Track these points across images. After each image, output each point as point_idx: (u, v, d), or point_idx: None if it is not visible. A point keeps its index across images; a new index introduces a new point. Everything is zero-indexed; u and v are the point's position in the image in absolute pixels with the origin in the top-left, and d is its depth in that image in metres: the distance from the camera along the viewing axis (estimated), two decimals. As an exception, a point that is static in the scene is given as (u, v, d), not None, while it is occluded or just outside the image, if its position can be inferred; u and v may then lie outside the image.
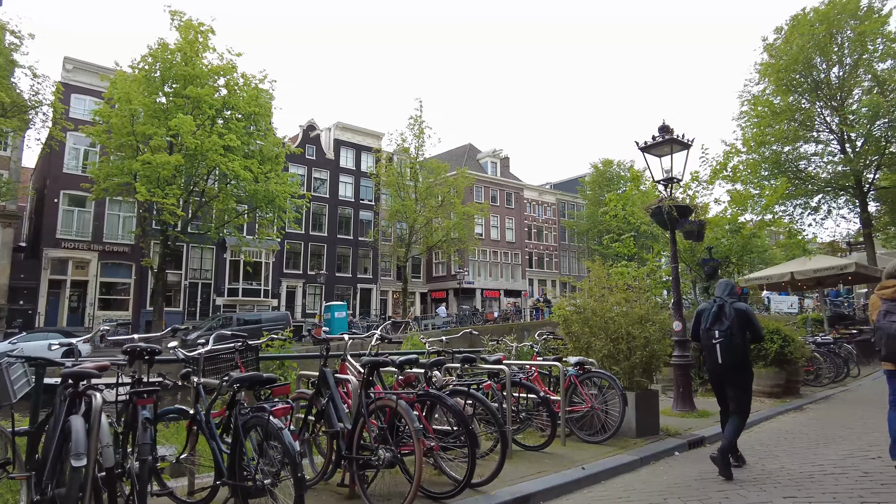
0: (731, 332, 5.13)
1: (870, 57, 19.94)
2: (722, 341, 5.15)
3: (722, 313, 5.24)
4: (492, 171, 51.47)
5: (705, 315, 5.39)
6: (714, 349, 5.20)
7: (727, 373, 5.24)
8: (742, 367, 5.23)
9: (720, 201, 11.41)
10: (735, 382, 5.25)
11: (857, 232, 22.15)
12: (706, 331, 5.32)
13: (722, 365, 5.18)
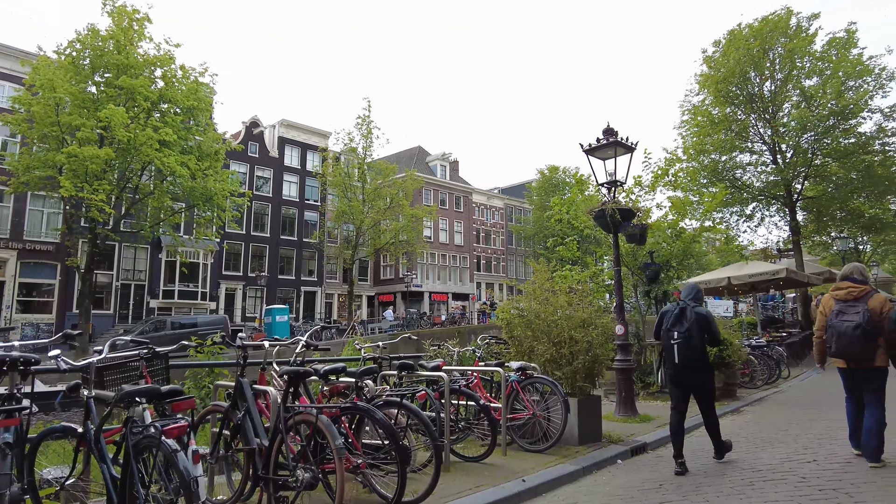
0: (689, 334, 5.34)
1: (798, 73, 20.89)
2: (680, 342, 5.36)
3: (683, 316, 5.45)
4: (441, 174, 51.36)
5: (667, 316, 5.57)
6: (672, 349, 5.41)
7: (685, 373, 5.43)
8: (701, 368, 5.45)
9: (662, 206, 11.52)
10: (696, 385, 5.48)
11: (787, 239, 23.16)
12: (666, 331, 5.51)
13: (678, 365, 5.40)
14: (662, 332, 5.58)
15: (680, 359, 5.36)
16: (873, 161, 20.67)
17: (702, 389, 5.55)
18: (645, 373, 10.95)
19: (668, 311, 5.66)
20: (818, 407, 8.96)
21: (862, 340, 4.98)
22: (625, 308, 8.56)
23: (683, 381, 5.50)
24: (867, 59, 19.67)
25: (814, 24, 20.61)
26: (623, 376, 8.12)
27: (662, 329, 5.59)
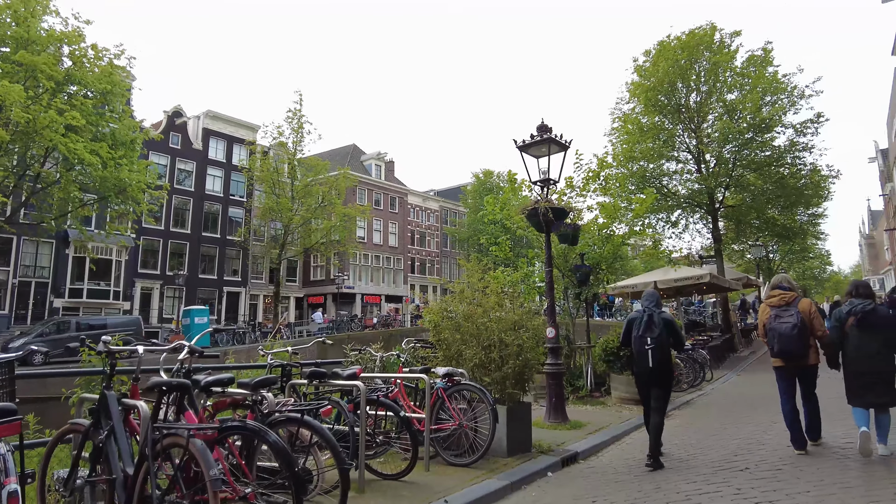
0: (661, 339, 5.71)
1: (721, 86, 21.74)
2: (654, 347, 5.69)
3: (652, 322, 5.79)
4: (376, 173, 50.48)
5: (636, 324, 5.91)
6: (646, 354, 5.72)
7: (656, 375, 5.77)
8: (669, 371, 5.89)
9: (592, 208, 11.45)
10: (662, 384, 5.84)
11: (709, 246, 24.05)
12: (639, 338, 5.82)
13: (653, 368, 5.71)
14: (634, 338, 5.87)
15: (653, 363, 5.69)
16: (785, 174, 21.81)
17: (664, 391, 5.91)
18: (574, 376, 10.80)
19: (636, 318, 5.99)
20: (742, 410, 9.06)
21: (798, 339, 5.58)
22: (555, 310, 8.28)
23: (653, 383, 5.84)
24: (782, 77, 20.70)
25: (736, 40, 21.53)
26: (554, 381, 7.83)
27: (634, 336, 5.88)
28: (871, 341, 5.42)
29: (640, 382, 6.03)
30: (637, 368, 5.97)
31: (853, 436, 5.59)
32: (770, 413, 8.34)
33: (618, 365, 10.03)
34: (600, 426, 7.82)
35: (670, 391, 6.05)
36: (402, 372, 6.22)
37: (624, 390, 9.93)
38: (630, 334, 5.94)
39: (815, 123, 20.67)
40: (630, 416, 8.74)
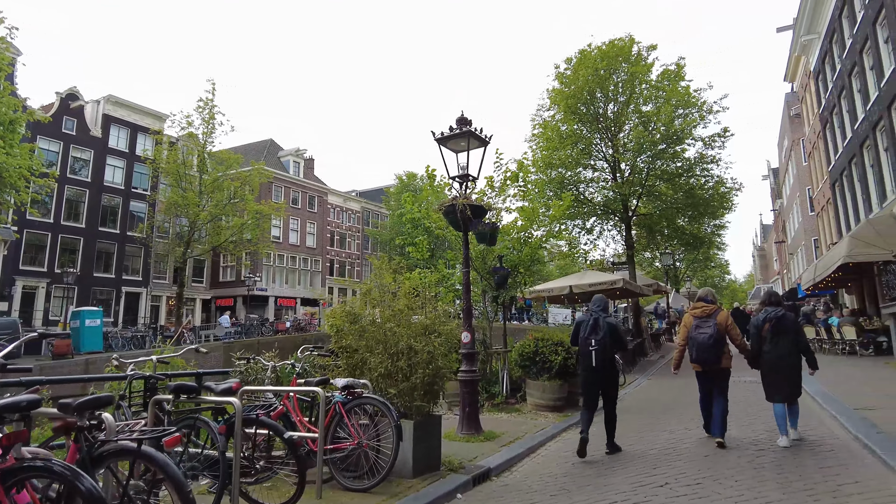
0: (604, 341, 6.22)
1: (637, 98, 22.40)
2: (597, 349, 6.21)
3: (597, 325, 6.29)
4: (294, 170, 48.58)
5: (583, 326, 6.43)
6: (590, 354, 6.24)
7: (599, 374, 6.29)
8: (611, 370, 6.45)
9: (511, 210, 11.16)
10: (607, 383, 6.39)
11: (622, 252, 24.74)
12: (584, 339, 6.32)
13: (595, 367, 6.24)
14: (581, 339, 6.40)
15: (597, 363, 6.21)
16: (694, 185, 22.80)
17: (611, 388, 6.48)
18: (490, 382, 10.40)
19: (584, 321, 6.51)
20: (658, 414, 8.98)
21: (713, 348, 6.34)
22: (472, 313, 7.81)
23: (597, 381, 6.34)
24: (694, 91, 21.59)
25: (652, 54, 22.24)
26: (468, 389, 7.34)
27: (581, 337, 6.41)
28: (782, 343, 6.29)
29: (586, 382, 6.47)
30: (582, 368, 6.49)
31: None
32: (684, 419, 8.30)
33: (533, 370, 9.73)
34: (515, 436, 7.42)
35: (617, 388, 6.69)
36: (295, 384, 5.48)
37: (539, 396, 9.64)
38: (578, 335, 6.50)
39: (722, 137, 21.74)
40: (545, 424, 8.43)
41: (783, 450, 5.86)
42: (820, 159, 28.42)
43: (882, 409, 7.51)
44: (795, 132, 38.00)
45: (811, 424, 7.20)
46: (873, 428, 6.26)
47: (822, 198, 28.69)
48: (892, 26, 15.53)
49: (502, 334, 10.95)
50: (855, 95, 19.92)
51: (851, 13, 19.31)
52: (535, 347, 9.75)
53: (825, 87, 24.21)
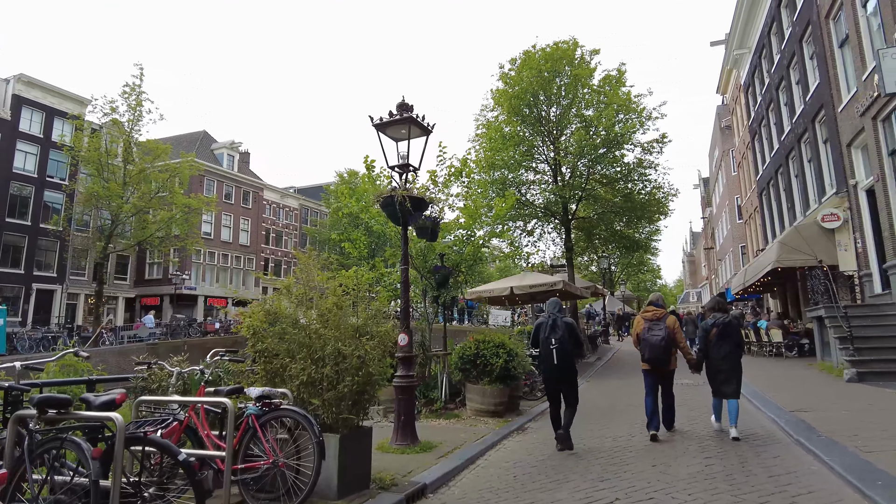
0: (563, 340, 6.53)
1: (580, 102, 22.55)
2: (557, 347, 6.52)
3: (556, 326, 6.61)
4: (228, 164, 46.48)
5: (543, 327, 6.72)
6: (551, 354, 6.55)
7: (560, 372, 6.58)
8: (571, 368, 6.68)
9: (454, 207, 10.72)
10: (567, 381, 6.67)
11: (561, 255, 24.87)
12: (545, 339, 6.62)
13: (557, 366, 6.54)
14: (542, 339, 6.70)
15: (558, 361, 6.53)
16: (633, 189, 23.20)
17: (571, 385, 6.72)
18: (429, 387, 9.90)
19: (543, 322, 6.80)
20: (598, 418, 8.74)
21: (664, 350, 6.91)
22: (410, 313, 7.29)
23: (559, 379, 6.67)
24: (635, 97, 21.92)
25: (595, 58, 22.45)
26: (404, 396, 6.80)
27: (541, 337, 6.70)
28: (726, 346, 6.97)
29: (548, 380, 6.81)
30: (544, 366, 6.73)
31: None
32: (625, 425, 8.08)
33: (474, 373, 9.30)
34: (454, 446, 6.94)
35: (577, 386, 6.84)
36: (203, 394, 4.78)
37: (479, 401, 9.21)
38: (538, 336, 6.78)
39: (660, 143, 22.19)
40: (485, 430, 8.00)
41: (727, 443, 6.42)
42: (748, 169, 29.67)
43: (814, 410, 7.54)
44: (726, 143, 39.69)
45: (748, 419, 7.12)
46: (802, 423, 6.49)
47: (750, 206, 29.95)
48: (817, 43, 16.17)
49: (442, 336, 10.48)
50: (782, 108, 20.76)
51: (780, 30, 20.10)
52: (475, 350, 9.33)
53: (754, 100, 25.21)
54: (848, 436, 6.02)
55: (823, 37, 15.61)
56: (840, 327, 12.02)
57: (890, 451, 5.22)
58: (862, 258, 14.36)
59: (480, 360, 9.23)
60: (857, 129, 13.74)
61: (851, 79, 14.36)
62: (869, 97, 12.67)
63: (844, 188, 14.92)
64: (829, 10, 15.21)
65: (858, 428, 6.43)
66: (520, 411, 9.81)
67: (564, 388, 6.67)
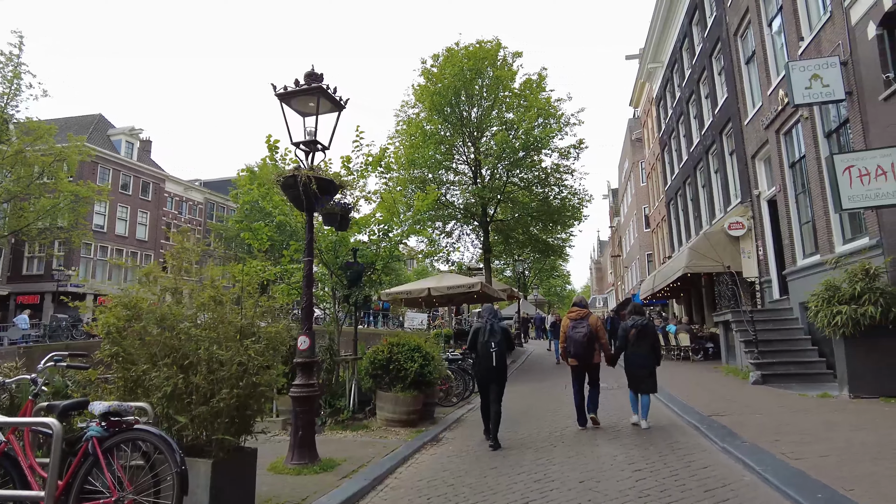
0: (500, 343, 7.06)
1: (501, 104, 22.39)
2: (497, 350, 7.02)
3: (494, 330, 7.12)
4: (126, 152, 42.72)
5: (482, 332, 7.21)
6: (491, 355, 7.02)
7: (496, 372, 7.08)
8: (505, 368, 7.25)
9: (370, 199, 9.88)
10: (500, 379, 7.18)
11: (479, 257, 24.61)
12: (485, 343, 7.10)
13: (495, 367, 7.03)
14: (481, 343, 7.18)
15: (496, 363, 7.04)
16: (549, 194, 23.36)
17: (501, 385, 7.22)
18: (336, 395, 9.01)
19: (481, 327, 7.31)
20: (517, 425, 8.23)
21: (586, 346, 7.68)
22: (314, 313, 6.42)
23: (494, 378, 7.16)
24: (555, 101, 22.04)
25: (517, 61, 22.39)
26: (302, 408, 5.90)
27: (480, 341, 7.19)
28: (642, 346, 7.75)
29: (483, 379, 7.34)
30: (481, 367, 7.24)
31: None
32: (545, 427, 7.64)
33: (386, 380, 8.53)
34: (360, 462, 6.14)
35: (505, 384, 7.29)
36: (29, 411, 3.70)
37: (391, 410, 8.45)
38: (476, 340, 7.25)
39: (577, 149, 22.45)
40: (396, 443, 7.26)
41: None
42: (657, 180, 30.92)
43: (730, 413, 7.44)
44: (636, 155, 41.43)
45: (671, 426, 6.86)
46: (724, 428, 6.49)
47: (658, 215, 31.23)
48: (725, 58, 16.85)
49: (353, 339, 9.62)
50: (692, 121, 21.61)
51: (691, 46, 20.90)
52: (388, 354, 8.57)
53: (665, 113, 26.22)
54: (770, 441, 5.84)
55: (732, 53, 16.26)
56: (746, 331, 12.35)
57: (815, 458, 5.03)
58: (763, 265, 15.01)
59: (394, 365, 8.49)
60: (762, 141, 14.33)
61: (757, 93, 15.00)
62: (773, 111, 13.21)
63: (748, 198, 15.56)
64: (737, 28, 15.85)
65: (777, 432, 6.30)
66: (434, 419, 9.14)
67: (497, 386, 7.19)
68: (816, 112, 11.45)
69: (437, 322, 30.98)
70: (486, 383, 7.22)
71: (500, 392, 7.16)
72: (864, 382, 8.52)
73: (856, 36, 9.69)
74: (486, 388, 7.24)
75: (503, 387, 7.21)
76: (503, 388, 7.21)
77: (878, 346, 8.47)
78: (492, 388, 7.12)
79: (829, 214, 11.07)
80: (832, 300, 8.76)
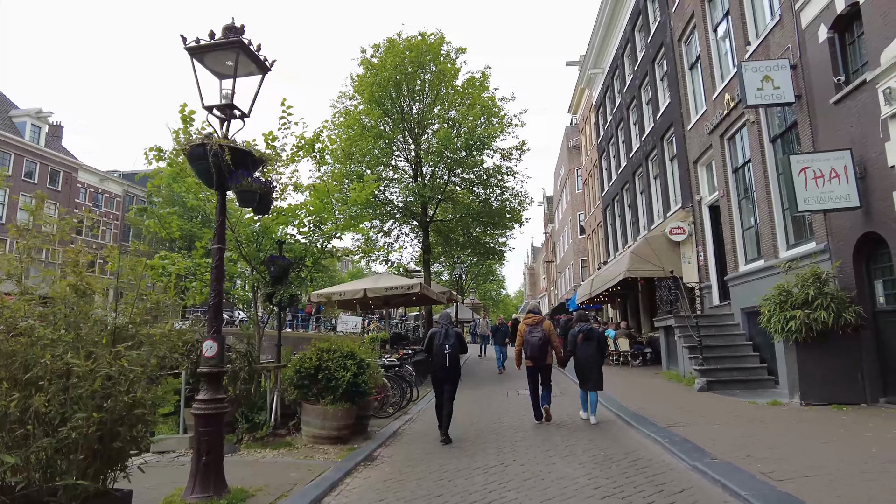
0: (454, 346, 7.83)
1: (443, 100, 21.66)
2: (450, 352, 7.76)
3: (448, 334, 7.87)
4: (32, 136, 39.00)
5: (437, 335, 7.91)
6: (446, 357, 7.74)
7: (450, 372, 7.78)
8: (458, 369, 7.91)
9: (300, 188, 8.77)
10: (453, 379, 7.85)
11: (418, 258, 23.74)
12: (440, 345, 7.81)
13: (449, 367, 7.75)
14: (436, 346, 7.81)
15: (450, 364, 7.71)
16: (490, 195, 22.84)
17: (454, 384, 7.82)
18: (254, 408, 7.87)
19: (437, 331, 7.94)
20: (463, 440, 7.41)
21: (542, 348, 8.50)
22: (222, 311, 5.34)
23: (447, 379, 7.75)
24: (499, 100, 21.55)
25: (461, 57, 21.72)
26: (207, 428, 4.80)
27: (436, 344, 7.82)
28: (589, 349, 8.57)
29: (438, 378, 7.84)
30: (436, 367, 7.81)
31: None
32: (492, 453, 6.84)
33: (314, 390, 7.50)
34: (280, 491, 5.13)
35: (457, 383, 7.92)
36: None
37: (319, 425, 7.42)
38: (433, 343, 7.85)
39: (519, 151, 22.04)
40: (324, 464, 6.26)
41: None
42: (594, 186, 31.17)
43: (687, 424, 6.95)
44: (572, 162, 41.91)
45: (631, 442, 6.25)
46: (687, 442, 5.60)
47: (594, 221, 31.48)
48: (669, 64, 16.86)
49: (276, 344, 8.50)
50: (631, 127, 21.70)
51: (633, 52, 20.97)
52: (317, 361, 7.54)
53: (604, 119, 26.37)
54: (742, 457, 5.33)
55: (676, 58, 16.25)
56: (690, 337, 12.14)
57: (801, 478, 4.51)
58: (703, 270, 14.99)
59: (323, 373, 7.47)
60: (705, 146, 14.29)
61: (701, 99, 15.00)
62: (718, 115, 13.14)
63: (690, 203, 15.54)
64: (681, 34, 15.85)
65: (744, 446, 5.82)
66: (368, 434, 8.17)
67: (451, 385, 7.80)
68: (762, 116, 11.38)
69: (372, 326, 29.73)
70: (441, 382, 7.82)
71: (453, 391, 7.84)
72: (814, 390, 8.31)
73: (806, 39, 9.59)
74: (441, 387, 7.82)
75: (456, 385, 7.89)
76: (456, 387, 7.89)
77: (828, 352, 8.28)
78: (446, 388, 7.72)
79: (775, 219, 11.00)
80: (785, 305, 8.52)
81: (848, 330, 8.10)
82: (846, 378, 8.22)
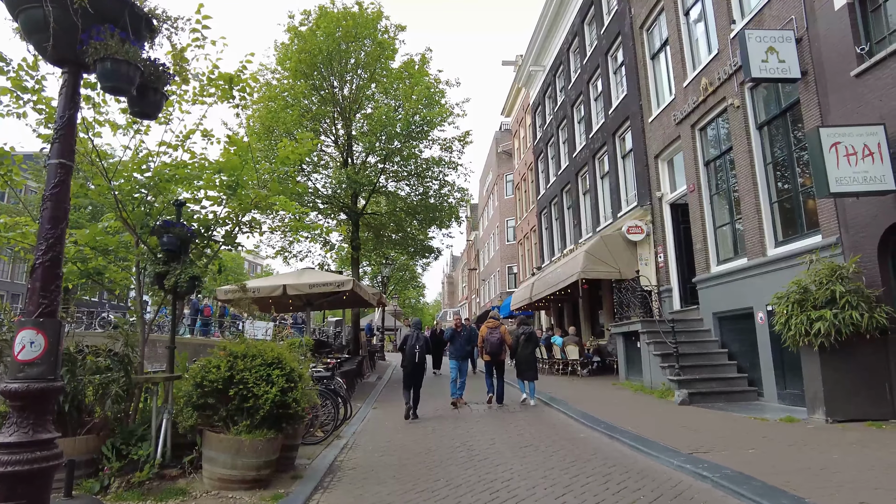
0: (423, 347, 10.06)
1: (380, 78, 19.62)
2: (419, 351, 9.94)
3: (419, 337, 10.16)
4: None
5: (410, 337, 10.22)
6: (415, 355, 9.89)
7: (419, 368, 9.96)
8: (424, 364, 10.12)
9: (211, 136, 6.48)
10: (421, 373, 10.02)
11: (345, 254, 21.38)
12: (412, 346, 10.00)
13: (417, 363, 9.89)
14: (409, 346, 10.07)
15: (418, 360, 9.92)
16: (428, 189, 21.01)
17: (421, 376, 10.04)
18: (133, 438, 5.42)
19: (410, 335, 10.30)
20: (418, 474, 5.38)
21: (499, 347, 10.98)
22: (57, 294, 3.03)
23: (417, 374, 9.93)
24: (443, 83, 19.80)
25: (400, 35, 19.81)
26: (19, 501, 2.53)
27: (409, 344, 10.10)
28: (528, 348, 11.06)
29: (410, 374, 9.93)
30: (408, 363, 9.97)
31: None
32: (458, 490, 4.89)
33: (221, 413, 5.23)
34: None
35: (423, 376, 10.12)
36: None
37: (229, 463, 5.13)
38: (406, 343, 10.18)
39: (462, 142, 20.37)
40: None
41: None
42: (528, 190, 30.16)
43: (713, 450, 5.37)
44: (502, 167, 40.96)
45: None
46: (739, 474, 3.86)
47: (527, 226, 30.41)
48: (627, 54, 15.83)
49: (168, 347, 6.08)
50: (576, 125, 20.66)
51: (581, 46, 19.96)
52: (229, 371, 5.28)
53: (543, 120, 25.32)
54: None
55: (636, 48, 15.23)
56: (663, 343, 10.84)
57: None
58: (663, 273, 13.90)
59: (237, 388, 5.22)
60: (670, 139, 13.23)
61: (665, 89, 14.01)
62: (691, 103, 12.08)
63: (648, 201, 14.46)
64: (644, 21, 14.84)
65: (841, 484, 4.26)
66: (297, 471, 5.94)
67: (419, 380, 9.93)
68: (748, 99, 10.33)
69: (286, 333, 26.65)
70: (412, 378, 9.87)
71: (420, 382, 9.96)
72: (840, 404, 7.07)
73: (815, 9, 8.53)
74: (410, 380, 9.87)
75: (422, 377, 10.03)
76: (422, 379, 10.03)
77: (853, 359, 7.10)
78: (415, 379, 9.86)
79: (762, 213, 9.92)
80: (805, 304, 7.25)
81: (876, 333, 6.95)
82: (873, 390, 7.06)
